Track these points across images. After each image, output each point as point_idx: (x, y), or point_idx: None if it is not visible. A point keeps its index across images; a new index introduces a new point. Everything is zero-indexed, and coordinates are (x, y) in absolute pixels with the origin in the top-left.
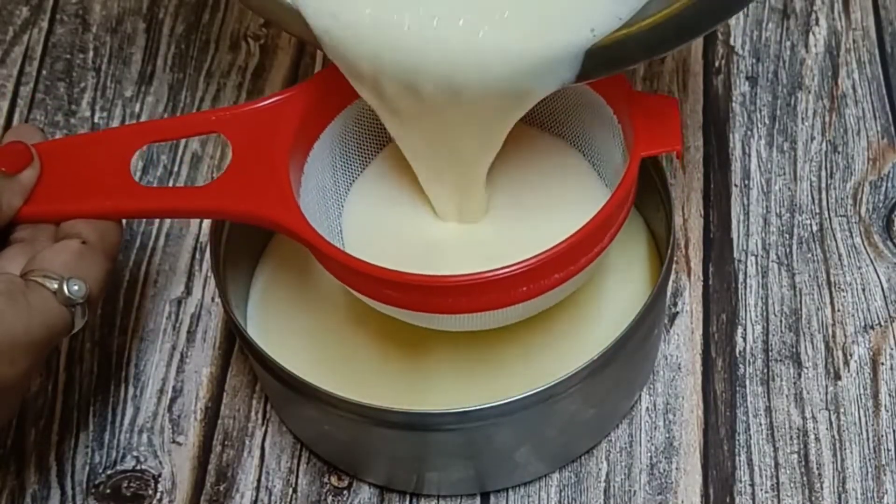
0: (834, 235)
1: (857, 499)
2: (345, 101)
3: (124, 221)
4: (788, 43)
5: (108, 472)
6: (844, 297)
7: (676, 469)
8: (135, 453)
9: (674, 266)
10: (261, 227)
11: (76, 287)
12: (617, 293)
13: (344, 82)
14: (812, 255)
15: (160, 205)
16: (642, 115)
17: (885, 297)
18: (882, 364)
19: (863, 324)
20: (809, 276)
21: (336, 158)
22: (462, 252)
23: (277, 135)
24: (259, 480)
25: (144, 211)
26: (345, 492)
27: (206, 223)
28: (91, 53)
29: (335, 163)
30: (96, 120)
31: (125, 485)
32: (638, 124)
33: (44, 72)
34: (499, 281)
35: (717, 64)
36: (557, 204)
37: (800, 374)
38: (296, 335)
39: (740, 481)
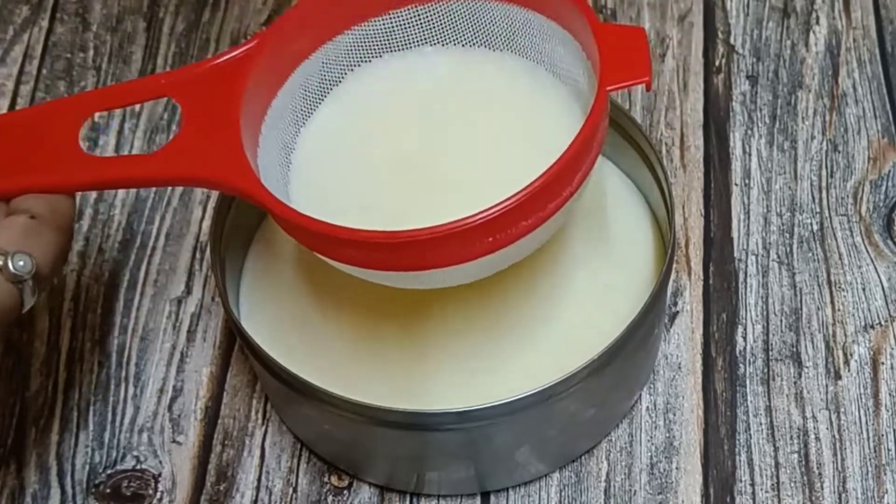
0: (834, 235)
1: (857, 498)
2: (304, 52)
3: (78, 198)
4: (789, 42)
5: (108, 471)
6: (845, 296)
7: (677, 469)
8: (135, 453)
9: (674, 266)
10: (217, 190)
11: (21, 262)
12: (619, 292)
13: (301, 34)
14: (812, 254)
15: (110, 175)
16: (608, 46)
17: (885, 296)
18: (882, 363)
19: (863, 323)
20: (810, 275)
21: (297, 113)
22: (427, 191)
23: (229, 93)
24: (259, 480)
25: (95, 182)
26: (345, 492)
27: (206, 222)
28: (91, 52)
29: (297, 118)
30: (97, 119)
31: (125, 484)
32: (604, 56)
33: (44, 71)
34: (462, 233)
35: (717, 63)
36: (534, 137)
37: (800, 374)
38: (293, 333)
39: (740, 481)
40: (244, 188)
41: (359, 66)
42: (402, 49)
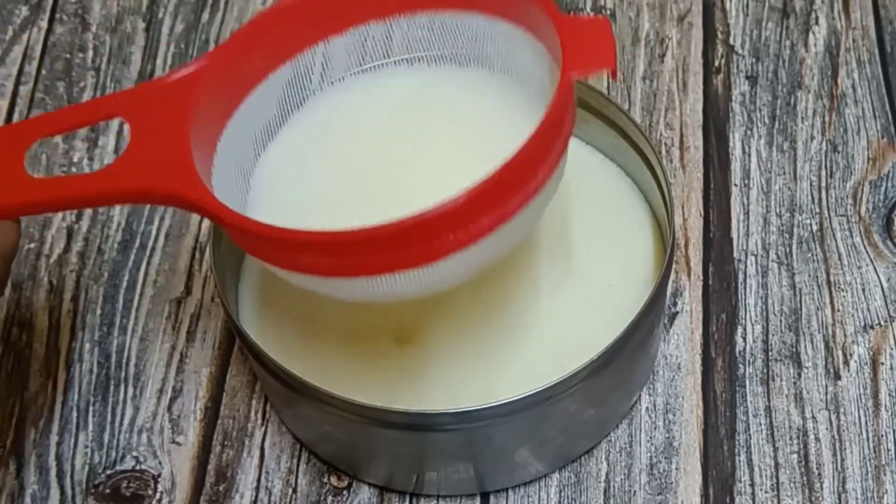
0: (834, 235)
1: (857, 499)
2: (260, 72)
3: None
4: (788, 42)
5: (108, 472)
6: (844, 296)
7: (676, 469)
8: (134, 453)
9: (674, 266)
10: (165, 205)
11: None
12: (619, 292)
13: (254, 52)
14: (812, 254)
15: (54, 195)
16: (572, 36)
17: (884, 296)
18: (882, 364)
19: (863, 323)
20: (809, 275)
21: (257, 136)
22: (391, 210)
23: (179, 111)
24: (259, 480)
25: (38, 203)
26: (345, 492)
27: (206, 222)
28: (90, 53)
29: (256, 141)
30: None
31: (125, 485)
32: (567, 45)
33: (43, 71)
34: (420, 225)
35: (716, 63)
36: (501, 150)
37: (800, 374)
38: (293, 333)
39: (740, 481)
40: (193, 198)
41: (320, 88)
42: (367, 70)
